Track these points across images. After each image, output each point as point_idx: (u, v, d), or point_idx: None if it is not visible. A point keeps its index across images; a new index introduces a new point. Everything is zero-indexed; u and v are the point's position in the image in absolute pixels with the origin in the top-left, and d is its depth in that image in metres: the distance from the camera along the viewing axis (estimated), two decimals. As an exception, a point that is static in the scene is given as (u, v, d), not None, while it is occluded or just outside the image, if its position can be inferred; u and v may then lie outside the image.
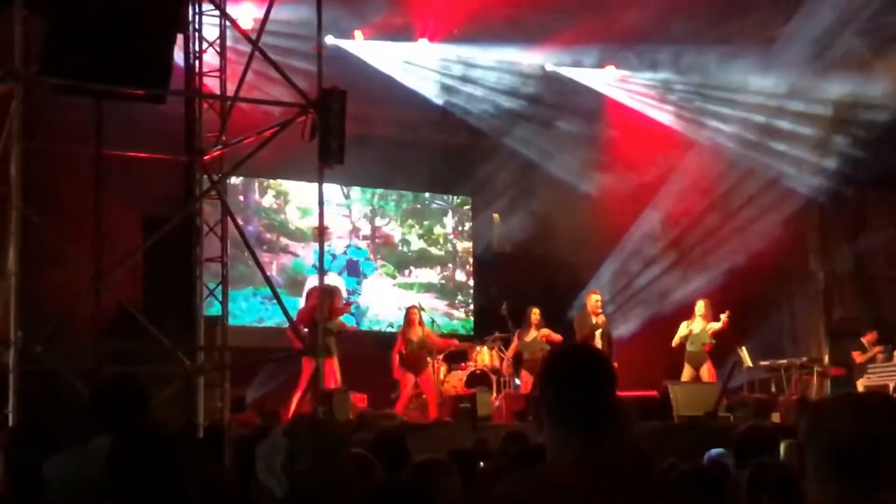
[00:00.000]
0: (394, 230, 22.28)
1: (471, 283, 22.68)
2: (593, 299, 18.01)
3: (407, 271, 22.19)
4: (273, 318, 19.45)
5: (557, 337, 17.92)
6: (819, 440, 2.98)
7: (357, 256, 21.75)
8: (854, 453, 2.90)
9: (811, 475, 2.99)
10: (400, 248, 22.28)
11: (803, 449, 3.05)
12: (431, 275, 22.44)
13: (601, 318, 17.86)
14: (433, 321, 18.20)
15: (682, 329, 18.09)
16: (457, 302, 22.46)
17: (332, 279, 20.32)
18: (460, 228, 22.89)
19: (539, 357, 16.93)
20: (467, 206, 22.97)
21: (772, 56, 19.92)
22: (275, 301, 15.46)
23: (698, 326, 17.96)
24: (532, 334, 18.03)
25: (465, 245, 22.87)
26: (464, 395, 16.58)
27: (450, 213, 22.78)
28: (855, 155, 20.70)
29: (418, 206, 22.63)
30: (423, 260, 22.44)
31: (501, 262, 22.18)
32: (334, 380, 15.98)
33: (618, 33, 20.10)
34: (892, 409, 3.00)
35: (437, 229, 22.68)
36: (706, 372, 17.72)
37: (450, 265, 22.71)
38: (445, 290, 22.51)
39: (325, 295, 15.76)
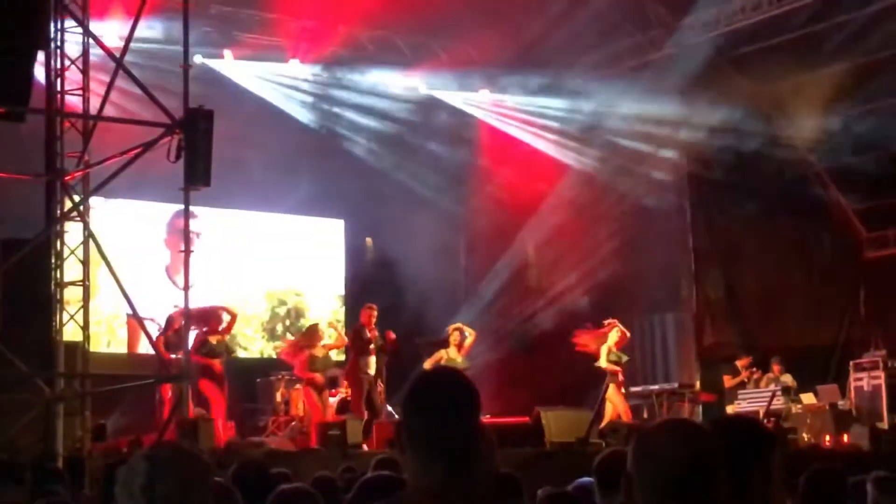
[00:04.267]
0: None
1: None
2: (366, 314, 17.41)
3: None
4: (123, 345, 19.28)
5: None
6: (646, 467, 2.94)
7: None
8: (680, 479, 2.88)
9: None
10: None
11: (631, 478, 2.99)
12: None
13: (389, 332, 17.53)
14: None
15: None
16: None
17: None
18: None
19: None
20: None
21: (644, 81, 20.02)
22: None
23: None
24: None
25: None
26: (334, 423, 16.29)
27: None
28: (727, 182, 20.90)
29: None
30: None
31: (373, 287, 21.91)
32: (217, 402, 15.78)
33: (493, 57, 20.08)
34: (715, 433, 2.98)
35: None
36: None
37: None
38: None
39: (204, 317, 15.59)
